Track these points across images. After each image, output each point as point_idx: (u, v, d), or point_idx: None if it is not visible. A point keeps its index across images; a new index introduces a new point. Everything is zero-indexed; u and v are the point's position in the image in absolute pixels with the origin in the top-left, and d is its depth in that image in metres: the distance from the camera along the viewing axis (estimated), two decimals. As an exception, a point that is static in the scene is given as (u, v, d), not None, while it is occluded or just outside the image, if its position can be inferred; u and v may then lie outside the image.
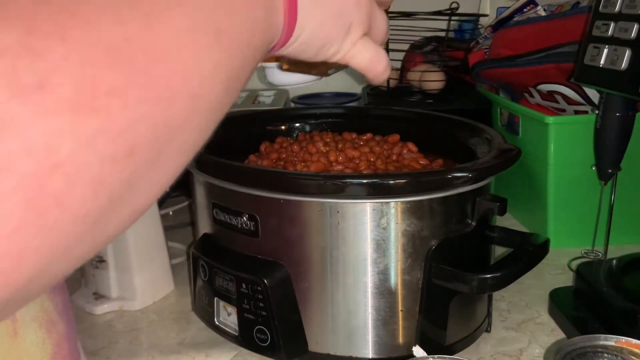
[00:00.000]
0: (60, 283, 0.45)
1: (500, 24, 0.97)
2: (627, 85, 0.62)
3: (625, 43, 0.62)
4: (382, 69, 0.37)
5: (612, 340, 0.46)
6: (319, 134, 0.74)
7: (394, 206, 0.53)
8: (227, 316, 0.61)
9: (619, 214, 0.74)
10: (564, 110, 0.84)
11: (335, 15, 0.33)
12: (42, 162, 0.18)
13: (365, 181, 0.53)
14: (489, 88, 1.00)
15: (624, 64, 0.61)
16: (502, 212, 0.57)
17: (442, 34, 1.08)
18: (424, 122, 0.77)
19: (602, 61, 0.64)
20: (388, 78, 1.07)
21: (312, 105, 1.19)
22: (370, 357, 0.57)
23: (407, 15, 1.04)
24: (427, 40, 1.14)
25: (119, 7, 0.20)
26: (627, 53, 0.61)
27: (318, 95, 1.27)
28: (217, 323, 0.62)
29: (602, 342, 0.46)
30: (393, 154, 0.69)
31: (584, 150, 0.75)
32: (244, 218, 0.57)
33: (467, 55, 1.02)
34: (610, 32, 0.64)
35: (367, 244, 0.54)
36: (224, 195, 0.59)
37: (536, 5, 0.94)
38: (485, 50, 0.95)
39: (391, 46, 1.07)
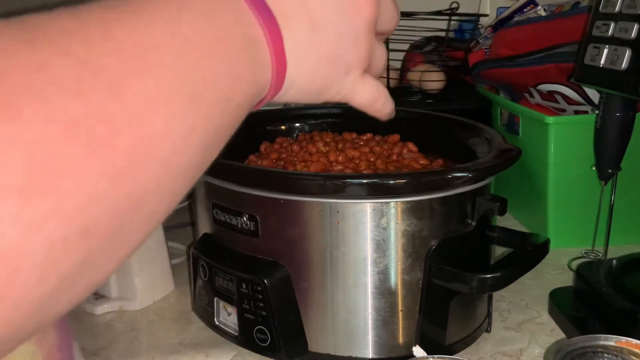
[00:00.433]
0: None
1: (500, 24, 0.97)
2: (627, 85, 0.62)
3: (626, 43, 0.62)
4: (382, 105, 0.36)
5: (612, 341, 0.46)
6: (319, 134, 0.74)
7: (394, 206, 0.53)
8: (227, 316, 0.61)
9: (619, 214, 0.74)
10: (564, 110, 0.84)
11: (332, 59, 0.31)
12: None
13: (365, 181, 0.53)
14: (489, 88, 1.00)
15: (624, 64, 0.61)
16: (502, 212, 0.57)
17: (442, 34, 1.08)
18: (424, 122, 0.77)
19: (602, 61, 0.64)
20: (388, 78, 1.08)
21: (312, 105, 1.19)
22: (370, 357, 0.57)
23: (407, 15, 1.04)
24: (427, 40, 1.14)
25: (80, 78, 0.19)
26: (627, 53, 0.61)
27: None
28: (217, 323, 0.62)
29: (602, 342, 0.46)
30: (393, 154, 0.69)
31: (584, 150, 0.75)
32: (244, 218, 0.57)
33: (467, 55, 1.02)
34: (610, 32, 0.64)
35: (367, 244, 0.54)
36: (224, 195, 0.59)
37: (536, 5, 0.94)
38: (486, 50, 0.95)
39: (391, 46, 1.07)
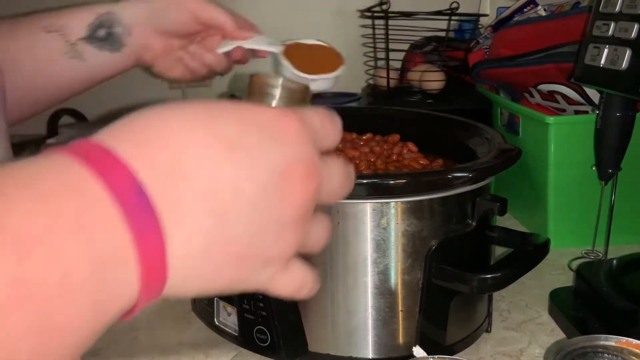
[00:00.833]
0: None
1: (500, 24, 0.97)
2: (628, 85, 0.62)
3: (626, 43, 0.62)
4: (306, 293, 0.30)
5: (613, 341, 0.46)
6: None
7: (394, 206, 0.53)
8: (227, 316, 0.61)
9: (619, 214, 0.74)
10: (564, 110, 0.84)
11: (243, 257, 0.26)
12: None
13: (365, 181, 0.53)
14: (489, 88, 1.00)
15: (625, 64, 0.61)
16: (502, 212, 0.57)
17: (442, 33, 1.08)
18: (424, 122, 0.77)
19: (603, 61, 0.64)
20: (388, 78, 1.08)
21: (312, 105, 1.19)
22: (370, 357, 0.57)
23: (407, 15, 1.04)
24: (427, 40, 1.14)
25: None
26: (628, 53, 0.61)
27: (318, 95, 1.27)
28: (217, 323, 0.62)
29: (602, 342, 0.46)
30: (393, 154, 0.69)
31: (584, 150, 0.75)
32: (244, 218, 0.57)
33: (467, 55, 1.02)
34: (610, 32, 0.64)
35: (367, 244, 0.54)
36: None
37: (536, 5, 0.94)
38: (486, 50, 0.95)
39: (391, 46, 1.07)
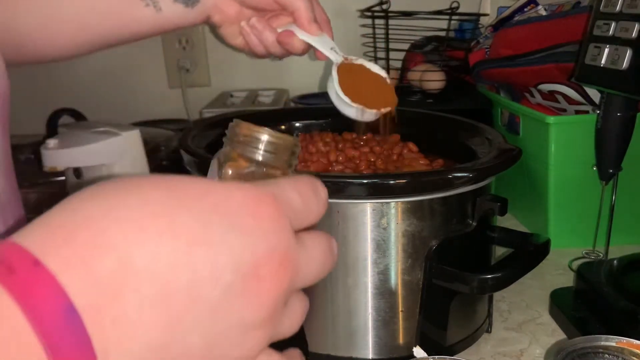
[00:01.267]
0: None
1: (500, 24, 0.97)
2: (628, 85, 0.62)
3: (626, 43, 0.61)
4: None
5: (613, 341, 0.46)
6: (319, 134, 0.74)
7: (394, 206, 0.53)
8: (227, 316, 0.61)
9: (620, 214, 0.74)
10: (564, 110, 0.84)
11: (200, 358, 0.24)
12: None
13: (365, 181, 0.52)
14: (489, 88, 1.00)
15: (625, 64, 0.61)
16: (503, 212, 0.57)
17: (442, 33, 1.08)
18: (424, 122, 0.77)
19: (603, 61, 0.64)
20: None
21: (312, 105, 1.19)
22: (371, 357, 0.56)
23: (407, 14, 1.04)
24: (428, 39, 1.14)
25: None
26: (628, 53, 0.61)
27: (318, 95, 1.27)
28: (216, 323, 0.62)
29: (602, 343, 0.46)
30: (393, 154, 0.69)
31: (584, 150, 0.75)
32: (244, 218, 0.57)
33: (467, 55, 1.02)
34: (611, 32, 0.64)
35: (367, 244, 0.54)
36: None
37: (537, 4, 0.94)
38: (486, 49, 0.95)
39: (391, 46, 1.07)
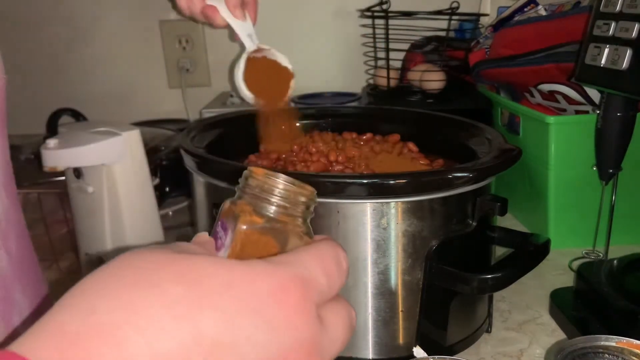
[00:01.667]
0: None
1: (500, 24, 0.97)
2: (628, 85, 0.62)
3: (626, 43, 0.61)
4: None
5: (613, 341, 0.46)
6: (319, 134, 0.74)
7: (394, 206, 0.53)
8: (227, 316, 0.61)
9: (620, 214, 0.74)
10: (564, 110, 0.84)
11: None
12: None
13: (365, 181, 0.52)
14: (489, 88, 1.00)
15: (625, 64, 0.61)
16: (503, 212, 0.57)
17: (442, 33, 1.08)
18: (424, 122, 0.77)
19: (603, 61, 0.64)
20: (388, 78, 1.08)
21: (312, 105, 1.19)
22: (371, 357, 0.56)
23: (407, 14, 1.04)
24: (428, 39, 1.14)
25: None
26: (628, 53, 0.61)
27: (318, 95, 1.27)
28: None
29: (602, 343, 0.46)
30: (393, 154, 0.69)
31: (584, 150, 0.75)
32: (244, 218, 0.57)
33: (467, 54, 1.02)
34: (611, 32, 0.64)
35: (367, 244, 0.54)
36: (224, 196, 0.59)
37: (537, 4, 0.94)
38: (486, 49, 0.95)
39: (391, 46, 1.07)
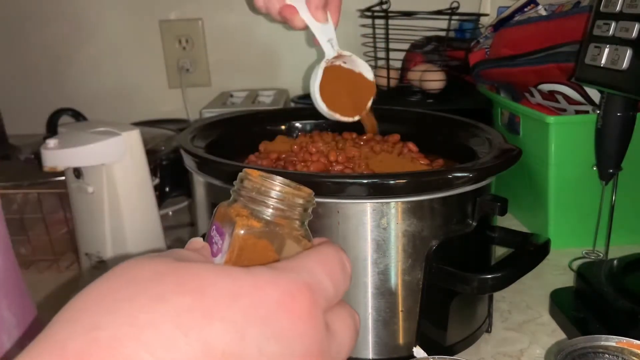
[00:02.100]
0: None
1: (501, 24, 0.97)
2: (628, 85, 0.62)
3: (626, 43, 0.61)
4: None
5: (613, 341, 0.46)
6: (319, 134, 0.74)
7: (394, 206, 0.53)
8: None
9: (620, 214, 0.74)
10: (564, 110, 0.84)
11: None
12: None
13: (365, 181, 0.52)
14: (489, 88, 1.00)
15: (625, 64, 0.61)
16: (503, 212, 0.57)
17: (442, 33, 1.08)
18: (424, 122, 0.77)
19: (603, 61, 0.64)
20: (388, 78, 1.08)
21: (312, 105, 1.19)
22: (371, 357, 0.56)
23: (407, 14, 1.04)
24: (428, 39, 1.14)
25: None
26: (628, 53, 0.61)
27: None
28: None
29: (602, 343, 0.46)
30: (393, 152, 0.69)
31: (584, 150, 0.75)
32: (244, 218, 0.57)
33: (467, 54, 1.02)
34: (611, 32, 0.64)
35: (367, 244, 0.54)
36: (224, 196, 0.59)
37: (537, 4, 0.94)
38: (486, 49, 0.95)
39: (391, 46, 1.07)
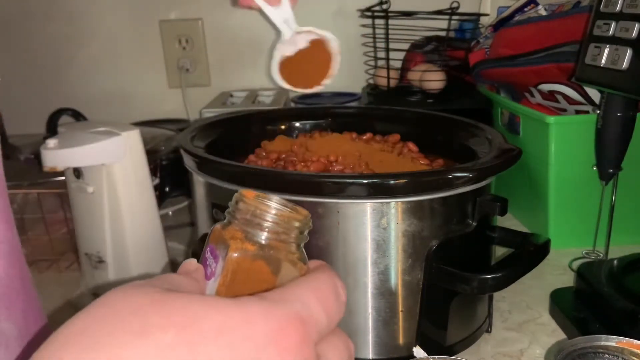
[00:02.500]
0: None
1: (501, 24, 0.97)
2: (628, 85, 0.62)
3: (626, 42, 0.61)
4: None
5: (613, 341, 0.46)
6: (319, 134, 0.74)
7: (394, 206, 0.53)
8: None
9: (620, 214, 0.74)
10: (564, 110, 0.84)
11: None
12: None
13: (365, 181, 0.52)
14: (489, 88, 1.00)
15: (625, 64, 0.61)
16: (503, 212, 0.57)
17: (442, 33, 1.08)
18: (424, 122, 0.77)
19: (603, 61, 0.64)
20: (388, 78, 1.07)
21: (312, 105, 1.19)
22: (371, 357, 0.56)
23: (407, 14, 1.04)
24: (428, 39, 1.14)
25: None
26: (628, 53, 0.61)
27: (318, 95, 1.27)
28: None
29: (602, 343, 0.46)
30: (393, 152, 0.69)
31: (585, 150, 0.75)
32: (244, 218, 0.57)
33: (467, 54, 1.02)
34: (611, 32, 0.64)
35: (367, 244, 0.54)
36: (224, 196, 0.59)
37: (537, 4, 0.94)
38: (486, 49, 0.95)
39: (391, 46, 1.07)
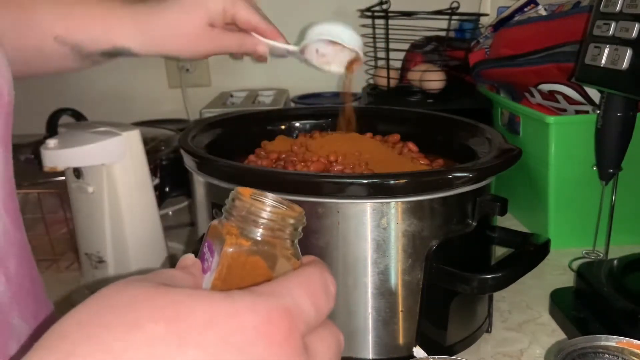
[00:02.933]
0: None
1: (500, 24, 0.97)
2: (628, 85, 0.62)
3: (626, 43, 0.61)
4: None
5: (613, 341, 0.46)
6: (319, 134, 0.74)
7: (394, 206, 0.53)
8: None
9: (620, 214, 0.74)
10: (564, 110, 0.84)
11: None
12: None
13: (365, 181, 0.52)
14: (489, 88, 1.00)
15: (625, 64, 0.61)
16: (503, 212, 0.57)
17: (442, 33, 1.08)
18: (424, 122, 0.77)
19: (603, 61, 0.64)
20: (388, 78, 1.07)
21: (312, 105, 1.19)
22: (371, 357, 0.56)
23: (407, 14, 1.04)
24: (428, 39, 1.14)
25: None
26: (628, 53, 0.61)
27: (318, 95, 1.27)
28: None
29: (602, 343, 0.46)
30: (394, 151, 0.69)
31: (585, 150, 0.75)
32: (244, 218, 0.57)
33: (467, 54, 1.02)
34: (611, 32, 0.64)
35: (367, 244, 0.54)
36: (224, 195, 0.59)
37: (537, 4, 0.94)
38: (486, 49, 0.95)
39: (391, 46, 1.07)
